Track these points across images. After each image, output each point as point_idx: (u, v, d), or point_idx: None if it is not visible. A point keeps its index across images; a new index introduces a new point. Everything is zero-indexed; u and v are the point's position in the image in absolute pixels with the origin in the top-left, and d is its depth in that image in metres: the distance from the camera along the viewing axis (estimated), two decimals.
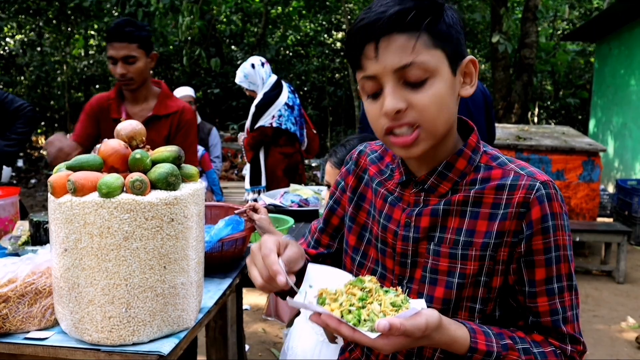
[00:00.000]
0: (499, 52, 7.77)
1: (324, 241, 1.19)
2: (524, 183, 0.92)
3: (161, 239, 1.19)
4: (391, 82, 0.87)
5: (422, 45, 0.85)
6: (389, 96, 0.87)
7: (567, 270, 0.94)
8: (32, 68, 11.12)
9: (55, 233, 1.20)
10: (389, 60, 0.86)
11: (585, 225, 4.84)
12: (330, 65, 12.91)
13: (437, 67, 0.87)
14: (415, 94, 0.87)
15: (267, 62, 3.91)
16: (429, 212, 0.97)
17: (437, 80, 0.87)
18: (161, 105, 2.35)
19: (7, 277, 1.29)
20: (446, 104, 0.89)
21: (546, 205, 0.91)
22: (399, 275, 1.01)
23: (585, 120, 11.41)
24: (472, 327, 0.90)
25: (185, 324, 1.31)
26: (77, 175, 1.17)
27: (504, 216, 0.92)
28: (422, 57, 0.85)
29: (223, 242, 1.69)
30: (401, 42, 0.85)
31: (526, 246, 0.92)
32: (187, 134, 2.37)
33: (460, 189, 0.96)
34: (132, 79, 2.26)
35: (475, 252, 0.93)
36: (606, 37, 8.96)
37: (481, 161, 0.98)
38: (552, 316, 0.93)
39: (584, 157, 5.12)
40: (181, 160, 1.31)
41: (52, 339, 1.25)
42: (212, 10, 9.22)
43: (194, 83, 11.38)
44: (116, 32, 2.21)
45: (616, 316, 3.92)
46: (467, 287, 0.94)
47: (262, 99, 3.79)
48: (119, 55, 2.21)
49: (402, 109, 0.87)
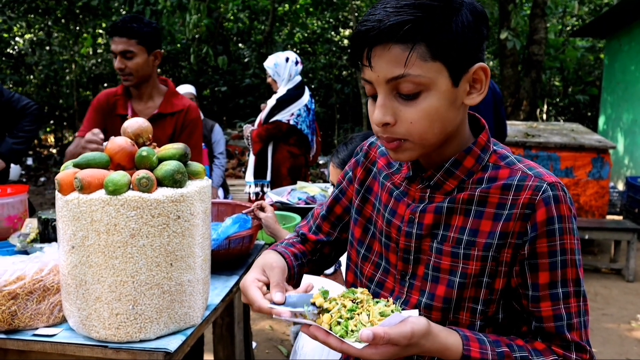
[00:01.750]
0: (508, 48, 7.72)
1: (325, 228, 1.18)
2: (530, 184, 0.90)
3: (167, 236, 1.20)
4: (383, 92, 0.87)
5: (418, 57, 0.82)
6: (378, 108, 0.87)
7: (574, 275, 0.91)
8: (41, 67, 11.19)
9: (62, 230, 1.20)
10: (382, 70, 0.84)
11: (595, 223, 4.80)
12: (338, 63, 12.89)
13: (432, 81, 0.84)
14: (405, 108, 0.86)
15: (301, 62, 3.91)
16: (433, 209, 0.96)
17: (431, 94, 0.85)
18: (167, 104, 2.37)
19: (15, 275, 1.30)
20: (439, 117, 0.87)
21: (552, 207, 0.89)
22: (401, 271, 1.00)
23: (595, 117, 11.32)
24: (466, 334, 0.88)
25: (192, 321, 1.31)
26: (84, 173, 1.17)
27: (509, 217, 0.90)
28: (415, 70, 0.83)
29: (230, 239, 1.69)
30: (395, 53, 0.83)
31: (530, 249, 0.90)
32: (192, 133, 2.39)
33: (467, 187, 0.95)
34: (131, 74, 2.28)
35: (477, 252, 0.92)
36: (616, 33, 8.87)
37: (490, 160, 0.96)
38: (556, 322, 0.90)
39: (593, 154, 5.07)
40: (187, 158, 1.31)
41: (60, 336, 1.26)
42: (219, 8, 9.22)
43: (201, 81, 11.41)
44: (118, 27, 2.25)
45: (626, 315, 3.88)
46: (468, 287, 0.93)
47: (286, 94, 3.79)
48: (117, 50, 2.25)
49: (389, 122, 0.87)
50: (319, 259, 1.19)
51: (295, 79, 3.86)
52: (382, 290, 1.03)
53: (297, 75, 3.87)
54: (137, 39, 2.24)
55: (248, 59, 12.34)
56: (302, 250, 1.16)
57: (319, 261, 1.19)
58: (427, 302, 0.95)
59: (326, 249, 1.19)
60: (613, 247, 4.88)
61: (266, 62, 3.90)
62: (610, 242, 4.98)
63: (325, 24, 13.54)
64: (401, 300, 0.99)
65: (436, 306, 0.94)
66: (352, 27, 13.27)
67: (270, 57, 3.89)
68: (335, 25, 13.44)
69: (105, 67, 11.67)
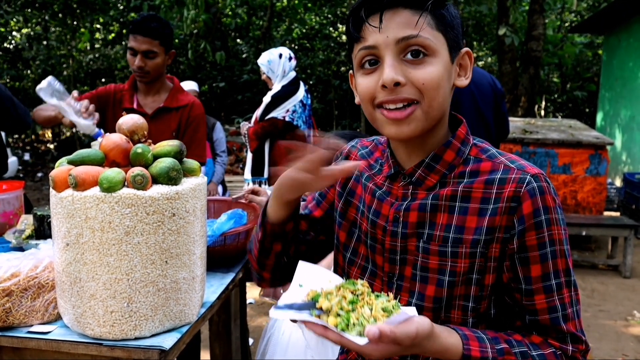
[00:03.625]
0: (506, 44, 7.72)
1: (302, 227, 1.15)
2: (514, 176, 0.90)
3: (162, 234, 1.19)
4: (391, 54, 0.87)
5: (426, 23, 0.87)
6: (389, 67, 0.87)
7: (565, 265, 0.91)
8: (38, 62, 11.15)
9: (57, 227, 1.20)
10: (392, 31, 0.87)
11: (592, 220, 4.81)
12: (336, 59, 12.86)
13: (438, 49, 0.88)
14: (414, 70, 0.87)
15: (294, 58, 3.89)
16: (417, 206, 0.95)
17: (436, 61, 0.88)
18: (172, 99, 2.41)
19: (10, 271, 1.29)
20: (443, 87, 0.89)
21: (538, 198, 0.88)
22: (388, 273, 0.99)
23: (593, 113, 11.32)
24: (465, 333, 0.88)
25: (188, 318, 1.31)
26: (78, 170, 1.17)
27: (494, 211, 0.90)
28: (425, 33, 0.87)
29: (226, 235, 1.69)
30: (406, 16, 0.87)
31: (519, 242, 0.90)
32: (196, 129, 2.42)
33: (449, 182, 0.94)
34: (149, 73, 2.32)
35: (465, 250, 0.91)
36: (615, 29, 8.86)
37: (470, 153, 0.96)
38: (551, 314, 0.90)
39: (591, 150, 5.08)
40: (183, 155, 1.30)
41: (54, 333, 1.25)
42: (217, 4, 9.19)
43: (199, 77, 11.37)
44: (142, 25, 2.27)
45: (622, 311, 3.89)
46: (458, 285, 0.92)
47: (280, 90, 3.78)
48: (140, 49, 2.27)
49: (401, 82, 0.87)
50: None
51: (289, 74, 3.84)
52: None
53: (291, 71, 3.85)
54: (159, 40, 2.29)
55: (246, 54, 12.31)
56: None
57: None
58: (417, 302, 0.95)
59: (302, 247, 1.13)
60: (610, 243, 4.90)
61: (260, 60, 3.88)
62: (608, 238, 4.99)
63: (323, 20, 13.50)
64: None
65: (427, 307, 0.94)
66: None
67: (264, 54, 3.87)
68: (333, 21, 13.39)
69: (102, 62, 11.64)
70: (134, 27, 2.30)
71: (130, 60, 2.31)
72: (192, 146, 2.33)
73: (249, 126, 3.85)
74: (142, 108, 2.37)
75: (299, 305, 0.84)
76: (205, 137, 2.53)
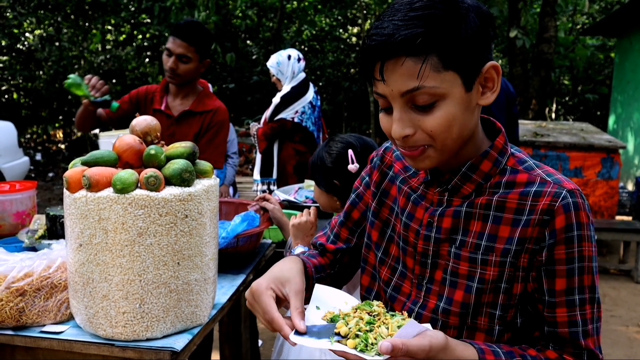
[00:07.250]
0: (517, 47, 7.66)
1: (343, 235, 1.17)
2: (549, 190, 0.90)
3: (175, 235, 1.19)
4: (399, 105, 0.86)
5: (431, 68, 0.82)
6: (396, 122, 0.87)
7: (591, 282, 0.91)
8: (50, 63, 11.24)
9: (70, 228, 1.20)
10: (396, 84, 0.84)
11: (604, 224, 4.76)
12: (346, 60, 12.86)
13: (446, 90, 0.84)
14: (423, 118, 0.86)
15: (303, 59, 3.90)
16: (452, 213, 0.96)
17: (446, 103, 0.85)
18: (199, 103, 2.44)
19: (23, 271, 1.30)
20: (457, 123, 0.87)
21: (572, 214, 0.88)
22: (418, 275, 1.00)
23: (605, 116, 11.22)
24: (481, 347, 0.88)
25: (199, 320, 1.31)
26: (92, 171, 1.17)
27: (527, 223, 0.90)
28: (429, 81, 0.82)
29: (239, 237, 1.69)
30: (408, 67, 0.82)
31: (548, 255, 0.89)
32: (216, 133, 2.44)
33: (484, 191, 0.94)
34: (179, 76, 2.35)
35: (495, 258, 0.92)
36: (627, 31, 8.78)
37: (508, 164, 0.96)
38: (571, 327, 0.90)
39: (602, 154, 5.03)
40: (195, 157, 1.30)
41: (67, 333, 1.26)
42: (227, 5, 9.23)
43: (209, 78, 11.41)
44: (182, 29, 2.32)
45: (634, 316, 3.85)
46: (486, 293, 0.93)
47: (290, 92, 3.78)
48: (176, 51, 2.31)
49: (409, 134, 0.87)
50: (339, 270, 1.17)
51: (299, 76, 3.84)
52: (399, 295, 1.02)
53: (300, 72, 3.85)
54: (196, 47, 2.32)
55: (256, 56, 12.34)
56: (322, 263, 1.14)
57: (338, 273, 1.17)
58: (445, 306, 0.95)
59: (346, 258, 1.17)
60: (622, 248, 4.84)
61: (269, 62, 3.89)
62: (620, 243, 4.94)
63: (333, 22, 13.51)
64: (418, 305, 0.99)
65: (454, 311, 0.94)
66: (360, 25, 13.23)
67: (273, 56, 3.88)
68: (343, 22, 13.41)
69: (113, 63, 11.71)
70: (175, 30, 2.36)
71: (165, 60, 2.35)
72: (209, 150, 2.35)
73: (258, 127, 3.85)
74: (169, 110, 2.41)
75: (319, 328, 0.85)
76: (224, 143, 2.53)
